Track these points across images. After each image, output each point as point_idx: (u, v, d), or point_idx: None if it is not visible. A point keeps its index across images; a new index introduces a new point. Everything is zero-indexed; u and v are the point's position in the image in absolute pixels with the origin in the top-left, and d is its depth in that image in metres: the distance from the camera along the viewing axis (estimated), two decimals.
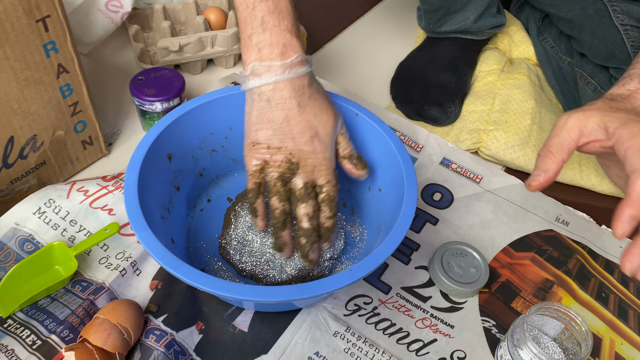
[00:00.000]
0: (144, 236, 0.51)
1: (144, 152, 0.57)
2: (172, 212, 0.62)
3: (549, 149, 0.48)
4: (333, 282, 0.49)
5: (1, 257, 0.63)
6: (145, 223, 0.52)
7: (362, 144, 0.64)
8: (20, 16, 0.57)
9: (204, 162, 0.68)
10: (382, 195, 0.62)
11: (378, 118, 0.62)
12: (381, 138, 0.61)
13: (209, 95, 0.64)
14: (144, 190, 0.56)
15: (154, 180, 0.59)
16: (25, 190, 0.69)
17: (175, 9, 0.94)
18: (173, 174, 0.63)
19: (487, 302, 0.63)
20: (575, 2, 0.80)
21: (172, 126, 0.61)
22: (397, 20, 1.06)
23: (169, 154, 0.62)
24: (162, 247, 0.50)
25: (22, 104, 0.62)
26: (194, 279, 0.49)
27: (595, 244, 0.70)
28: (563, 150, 0.48)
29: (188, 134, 0.64)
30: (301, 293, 0.48)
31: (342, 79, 0.93)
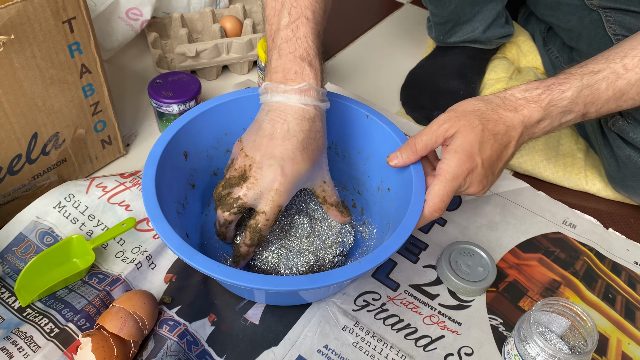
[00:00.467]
0: (160, 227, 0.53)
1: (161, 148, 0.59)
2: (187, 208, 0.64)
3: (416, 145, 0.58)
4: (341, 273, 0.50)
5: (22, 249, 0.65)
6: (162, 214, 0.54)
7: (372, 145, 0.65)
8: (47, 17, 0.60)
9: (219, 162, 0.70)
10: (391, 194, 0.63)
11: (388, 119, 0.64)
12: (390, 138, 0.63)
13: (224, 97, 0.66)
14: (161, 184, 0.57)
15: (170, 176, 0.61)
16: (46, 186, 0.71)
17: (192, 18, 0.97)
18: (189, 172, 0.65)
19: (495, 300, 0.64)
20: (573, 13, 0.83)
21: (188, 125, 0.63)
22: (407, 31, 1.09)
23: (185, 152, 0.64)
24: (177, 237, 0.52)
25: (46, 102, 0.65)
26: (208, 268, 0.50)
27: (602, 246, 0.70)
28: (425, 150, 0.57)
29: (204, 133, 0.66)
30: (311, 283, 0.50)
31: (353, 86, 0.95)
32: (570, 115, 0.57)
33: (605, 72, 0.56)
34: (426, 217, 0.55)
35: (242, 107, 0.66)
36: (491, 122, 0.55)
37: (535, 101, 0.56)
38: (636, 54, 0.56)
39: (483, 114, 0.56)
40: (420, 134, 0.57)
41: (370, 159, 0.66)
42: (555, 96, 0.56)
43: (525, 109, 0.56)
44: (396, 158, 0.59)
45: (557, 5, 0.87)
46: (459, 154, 0.54)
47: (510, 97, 0.57)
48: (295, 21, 0.55)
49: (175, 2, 0.98)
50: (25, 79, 0.61)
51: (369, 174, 0.67)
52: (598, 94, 0.56)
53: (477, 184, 0.56)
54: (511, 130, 0.56)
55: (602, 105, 0.57)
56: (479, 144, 0.55)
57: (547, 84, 0.56)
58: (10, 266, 0.64)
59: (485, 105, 0.56)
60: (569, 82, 0.56)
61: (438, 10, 0.87)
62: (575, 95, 0.56)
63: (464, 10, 0.86)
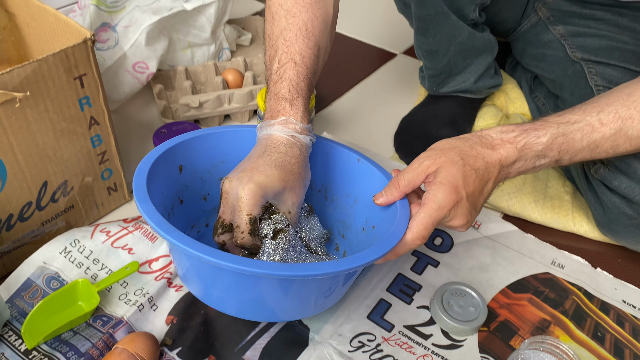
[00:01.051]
0: (144, 207, 0.54)
1: (160, 151, 0.63)
2: (171, 219, 0.65)
3: (399, 182, 0.60)
4: (318, 266, 0.52)
5: (30, 293, 0.68)
6: (147, 196, 0.56)
7: (360, 187, 0.68)
8: (60, 74, 0.65)
9: (210, 188, 0.71)
10: (375, 231, 0.65)
11: (377, 164, 0.67)
12: (380, 179, 0.66)
13: (225, 127, 0.70)
14: (152, 179, 0.60)
15: (162, 179, 0.63)
16: (54, 231, 0.74)
17: (196, 71, 1.03)
18: (180, 186, 0.67)
19: (487, 340, 0.66)
20: (557, 64, 0.87)
21: (189, 142, 0.67)
22: (400, 80, 1.14)
23: (180, 165, 0.67)
24: (159, 215, 0.53)
25: (56, 152, 0.69)
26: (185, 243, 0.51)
27: (591, 285, 0.72)
28: (409, 187, 0.60)
29: (202, 155, 0.68)
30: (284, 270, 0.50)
31: (349, 132, 0.99)
32: (544, 160, 0.60)
33: (581, 123, 0.59)
34: (408, 243, 0.57)
35: (241, 138, 0.69)
36: (471, 158, 0.58)
37: (511, 142, 0.59)
38: (611, 110, 0.59)
39: (462, 150, 0.58)
40: (403, 172, 0.60)
41: (357, 201, 0.69)
42: (530, 140, 0.59)
43: (501, 149, 0.59)
44: (381, 197, 0.62)
45: (542, 56, 0.92)
46: (444, 185, 0.56)
47: (487, 137, 0.60)
48: (283, 65, 0.62)
49: (179, 55, 1.04)
50: (37, 131, 0.66)
51: (355, 216, 0.69)
52: (572, 143, 0.59)
53: (461, 217, 0.58)
54: (490, 167, 0.59)
55: (575, 154, 0.60)
56: (463, 177, 0.57)
57: (524, 128, 0.60)
58: (18, 310, 0.66)
59: (463, 143, 0.59)
60: (545, 129, 0.59)
61: (432, 64, 0.92)
62: (550, 142, 0.59)
63: (457, 63, 0.91)
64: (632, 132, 0.59)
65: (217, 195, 0.72)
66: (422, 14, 0.83)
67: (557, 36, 0.89)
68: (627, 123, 0.58)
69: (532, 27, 0.95)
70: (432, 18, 0.83)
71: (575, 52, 0.85)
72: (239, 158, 0.70)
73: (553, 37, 0.89)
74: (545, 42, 0.91)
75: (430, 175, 0.59)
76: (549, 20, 0.91)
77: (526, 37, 0.96)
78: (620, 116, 0.58)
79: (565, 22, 0.88)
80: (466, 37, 0.86)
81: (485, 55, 0.91)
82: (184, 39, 1.02)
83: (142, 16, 0.93)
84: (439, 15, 0.82)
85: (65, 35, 0.70)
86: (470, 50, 0.89)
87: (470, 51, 0.89)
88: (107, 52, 0.92)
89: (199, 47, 1.05)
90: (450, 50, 0.88)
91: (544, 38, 0.91)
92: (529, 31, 0.96)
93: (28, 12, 0.75)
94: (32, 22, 0.76)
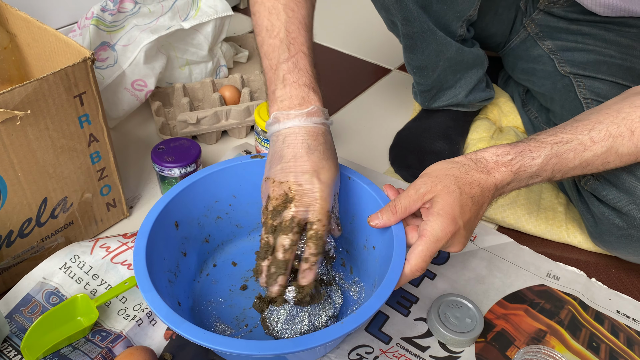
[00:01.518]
0: (149, 296, 0.56)
1: (152, 220, 0.63)
2: (179, 276, 0.67)
3: (396, 208, 0.61)
4: (325, 334, 0.52)
5: (29, 309, 0.68)
6: (151, 284, 0.56)
7: (355, 204, 0.69)
8: (60, 93, 0.66)
9: (210, 229, 0.73)
10: (376, 252, 0.66)
11: (368, 180, 0.68)
12: (372, 198, 0.66)
13: (213, 167, 0.70)
14: (152, 255, 0.60)
15: (161, 246, 0.63)
16: (53, 247, 0.75)
17: (193, 87, 1.04)
18: (180, 241, 0.68)
19: (484, 350, 0.66)
20: (547, 78, 0.89)
21: (179, 196, 0.67)
22: (394, 95, 1.16)
23: (175, 222, 0.67)
24: (165, 305, 0.54)
25: (56, 169, 0.70)
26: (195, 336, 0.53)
27: (586, 295, 0.73)
28: (405, 213, 0.61)
29: (194, 203, 0.69)
30: (295, 346, 0.51)
31: (345, 147, 1.01)
32: (538, 179, 0.62)
33: (574, 142, 0.60)
34: (407, 276, 0.58)
35: (230, 175, 0.70)
36: (467, 185, 0.59)
37: (506, 165, 0.60)
38: (602, 128, 0.60)
39: (457, 177, 0.59)
40: (399, 198, 0.61)
41: (355, 218, 0.70)
42: (525, 162, 0.60)
43: (497, 173, 0.60)
44: (377, 219, 0.62)
45: (532, 70, 0.94)
46: (442, 217, 0.57)
47: (482, 160, 0.61)
48: (294, 55, 0.62)
49: (177, 73, 1.06)
50: (38, 149, 0.67)
51: (355, 233, 0.70)
52: (565, 162, 0.60)
53: (458, 244, 0.60)
54: (486, 192, 0.60)
55: (568, 172, 0.61)
56: (460, 207, 0.58)
57: (518, 150, 0.60)
58: (18, 326, 0.66)
59: (459, 169, 0.60)
60: (539, 150, 0.60)
61: (422, 80, 0.93)
62: (544, 163, 0.60)
63: (447, 78, 0.92)
64: (622, 149, 0.60)
65: (217, 234, 0.74)
66: (409, 32, 0.84)
67: (546, 51, 0.90)
68: (617, 141, 0.59)
69: (521, 42, 0.97)
70: (419, 35, 0.84)
71: (564, 66, 0.87)
72: (231, 194, 0.72)
73: (542, 52, 0.91)
74: (535, 56, 0.93)
75: (427, 202, 0.60)
76: (538, 36, 0.93)
77: (516, 52, 0.98)
78: (611, 134, 0.60)
79: (554, 37, 0.90)
80: (454, 53, 0.87)
81: (475, 69, 0.93)
82: (181, 56, 1.04)
83: (141, 35, 0.94)
84: (426, 32, 0.83)
85: (65, 54, 0.72)
86: (459, 65, 0.90)
87: (460, 66, 0.91)
88: (107, 70, 0.94)
89: (196, 64, 1.07)
90: (439, 65, 0.89)
91: (534, 53, 0.93)
92: (518, 46, 0.98)
93: (29, 32, 0.77)
94: (33, 42, 0.77)
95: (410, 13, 0.81)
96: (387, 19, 0.88)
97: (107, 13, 0.94)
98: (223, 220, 0.74)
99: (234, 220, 0.75)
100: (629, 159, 0.61)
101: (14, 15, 0.78)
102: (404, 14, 0.81)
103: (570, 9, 0.89)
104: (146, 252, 0.59)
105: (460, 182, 0.59)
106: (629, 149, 0.60)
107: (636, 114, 0.59)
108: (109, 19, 0.94)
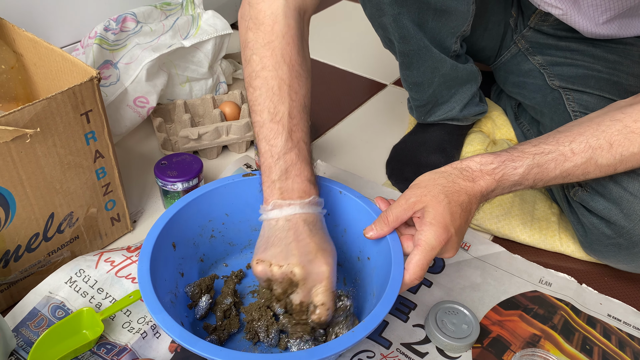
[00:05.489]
0: (160, 318, 0.57)
1: (152, 242, 0.64)
2: (178, 297, 0.68)
3: (387, 218, 0.63)
4: (338, 343, 0.54)
5: (35, 322, 0.69)
6: (161, 306, 0.57)
7: (347, 218, 0.71)
8: (68, 111, 0.68)
9: (204, 248, 0.74)
10: (371, 263, 0.68)
11: (359, 193, 0.70)
12: (364, 211, 0.69)
13: (207, 187, 0.72)
14: (155, 277, 0.62)
15: (162, 268, 0.65)
16: (59, 261, 0.76)
17: (194, 104, 1.07)
18: (178, 261, 0.69)
19: (480, 355, 0.68)
20: (537, 92, 0.92)
21: (176, 217, 0.68)
22: (390, 110, 1.19)
23: (173, 242, 0.69)
24: (178, 326, 0.56)
25: (63, 185, 0.72)
26: (212, 353, 0.54)
27: (578, 300, 0.75)
28: (397, 222, 0.63)
29: (189, 223, 0.71)
30: (309, 357, 0.53)
31: (342, 161, 1.03)
32: (520, 186, 0.64)
33: (555, 153, 0.63)
34: (407, 284, 0.60)
35: (222, 194, 0.72)
36: (455, 193, 0.62)
37: (489, 174, 0.63)
38: (582, 140, 0.63)
39: (444, 187, 0.62)
40: (390, 208, 0.64)
41: (347, 231, 0.72)
42: (508, 171, 0.63)
43: (481, 180, 0.63)
44: (371, 230, 0.65)
45: (523, 84, 0.97)
46: (434, 226, 0.60)
47: (467, 169, 0.63)
48: (297, 145, 0.63)
49: (178, 89, 1.08)
50: (46, 165, 0.69)
51: (347, 245, 0.72)
52: (547, 172, 0.63)
53: (452, 250, 0.62)
54: (472, 199, 0.62)
55: (549, 181, 0.64)
56: (450, 215, 0.61)
57: (502, 160, 0.63)
58: (24, 339, 0.68)
59: (446, 179, 0.63)
60: (522, 160, 0.63)
61: (418, 95, 0.96)
62: (526, 172, 0.63)
63: (442, 93, 0.95)
64: (601, 160, 0.63)
65: (211, 253, 0.75)
66: (406, 50, 0.87)
67: (536, 65, 0.94)
68: (596, 152, 0.62)
69: (512, 57, 1.00)
70: (415, 53, 0.87)
71: (553, 80, 0.90)
72: (224, 212, 0.73)
73: (533, 67, 0.94)
74: (526, 71, 0.96)
75: (417, 212, 0.62)
76: (528, 51, 0.96)
77: (507, 66, 1.01)
78: (591, 146, 0.62)
79: (544, 53, 0.94)
80: (449, 69, 0.90)
81: (469, 84, 0.96)
82: (182, 74, 1.07)
83: (143, 53, 0.97)
84: (422, 49, 0.86)
85: (72, 73, 0.74)
86: (454, 81, 0.93)
87: (454, 82, 0.93)
88: (109, 88, 0.96)
89: (197, 81, 1.09)
90: (435, 81, 0.92)
91: (524, 67, 0.96)
92: (509, 61, 1.01)
93: (35, 52, 0.79)
94: (39, 61, 0.80)
95: (406, 31, 0.83)
96: (384, 37, 0.91)
97: (109, 32, 0.97)
98: (216, 239, 0.75)
99: (227, 239, 0.76)
100: (608, 169, 0.64)
101: (20, 36, 0.80)
102: (400, 32, 0.84)
103: (559, 27, 0.92)
104: (150, 274, 0.60)
105: (448, 191, 0.61)
106: (607, 160, 0.62)
107: (615, 127, 0.62)
108: (111, 38, 0.97)
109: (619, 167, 0.64)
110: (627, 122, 0.62)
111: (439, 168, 0.65)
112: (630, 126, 0.61)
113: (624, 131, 0.61)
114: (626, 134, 0.61)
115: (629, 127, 0.61)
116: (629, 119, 0.62)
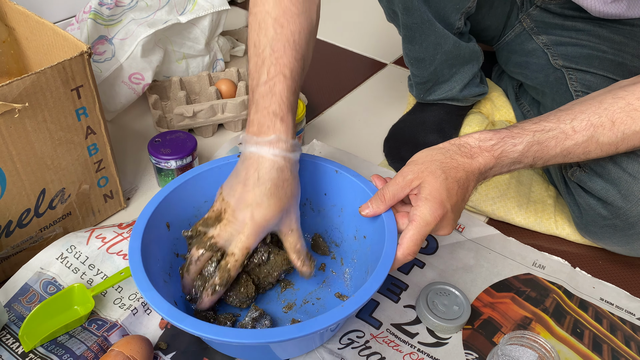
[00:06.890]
0: (148, 295, 0.56)
1: (144, 222, 0.63)
2: (172, 277, 0.67)
3: (384, 195, 0.63)
4: (327, 317, 0.54)
5: (27, 298, 0.70)
6: (150, 284, 0.57)
7: (344, 197, 0.71)
8: (58, 86, 0.68)
9: None
10: (367, 241, 0.68)
11: (355, 172, 0.69)
12: (360, 189, 0.68)
13: (202, 167, 0.71)
14: (147, 255, 0.61)
15: (155, 248, 0.64)
16: (51, 237, 0.76)
17: (190, 81, 1.06)
18: (172, 242, 0.69)
19: (471, 337, 0.68)
20: (539, 71, 0.91)
21: (169, 197, 0.67)
22: (389, 89, 1.17)
23: (167, 222, 0.68)
24: (166, 303, 0.55)
25: (54, 161, 0.71)
26: (199, 329, 0.54)
27: (570, 284, 0.75)
28: (393, 200, 0.63)
29: (184, 203, 0.70)
30: (298, 331, 0.53)
31: (339, 140, 1.02)
32: (519, 165, 0.63)
33: (556, 131, 0.61)
34: (400, 260, 0.60)
35: (218, 175, 0.70)
36: (452, 169, 0.60)
37: (488, 150, 0.61)
38: (584, 118, 0.61)
39: (442, 162, 0.61)
40: (387, 186, 0.63)
41: (344, 210, 0.71)
42: (507, 148, 0.61)
43: (480, 157, 0.61)
44: (367, 208, 0.64)
45: (525, 64, 0.96)
46: (430, 201, 0.59)
47: (465, 145, 0.62)
48: (273, 78, 0.61)
49: (174, 66, 1.07)
50: (36, 141, 0.68)
51: (344, 225, 0.72)
52: (547, 150, 0.62)
53: (447, 227, 0.61)
54: (470, 175, 0.61)
55: (549, 160, 0.63)
56: (447, 191, 0.59)
57: (501, 136, 0.62)
58: (16, 314, 0.68)
59: (444, 155, 0.62)
60: (521, 137, 0.61)
61: (419, 72, 0.95)
62: (525, 150, 0.61)
63: (443, 72, 0.94)
64: (602, 139, 0.61)
65: None
66: (409, 22, 0.86)
67: (540, 45, 0.92)
68: (598, 130, 0.61)
69: (516, 37, 0.98)
70: (418, 26, 0.86)
71: (557, 59, 0.88)
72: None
73: (536, 46, 0.92)
74: (529, 50, 0.94)
75: (414, 189, 0.61)
76: (533, 31, 0.94)
77: (510, 46, 0.99)
78: (592, 124, 0.61)
79: (549, 32, 0.92)
80: (452, 46, 0.89)
81: (470, 64, 0.94)
82: (178, 50, 1.05)
83: (138, 29, 0.96)
84: (425, 23, 0.85)
85: (63, 48, 0.73)
86: (456, 60, 0.92)
87: (456, 60, 0.92)
88: (104, 63, 0.95)
89: (193, 58, 1.08)
90: (437, 58, 0.91)
91: (528, 47, 0.94)
92: (513, 40, 0.99)
93: (27, 26, 0.78)
94: (31, 35, 0.79)
95: (410, 3, 0.83)
96: (388, 9, 0.90)
97: (104, 7, 0.95)
98: None
99: None
100: (610, 148, 0.62)
101: (12, 9, 0.79)
102: (404, 3, 0.83)
103: (566, 6, 0.90)
104: (141, 252, 0.60)
105: (446, 167, 0.60)
106: (609, 139, 0.61)
107: (618, 104, 0.60)
108: (106, 12, 0.96)
109: (621, 146, 0.62)
110: (630, 99, 0.60)
111: (437, 145, 0.64)
112: (633, 104, 0.60)
113: (626, 109, 0.60)
114: (629, 111, 0.60)
115: (632, 104, 0.60)
116: (631, 97, 0.60)
